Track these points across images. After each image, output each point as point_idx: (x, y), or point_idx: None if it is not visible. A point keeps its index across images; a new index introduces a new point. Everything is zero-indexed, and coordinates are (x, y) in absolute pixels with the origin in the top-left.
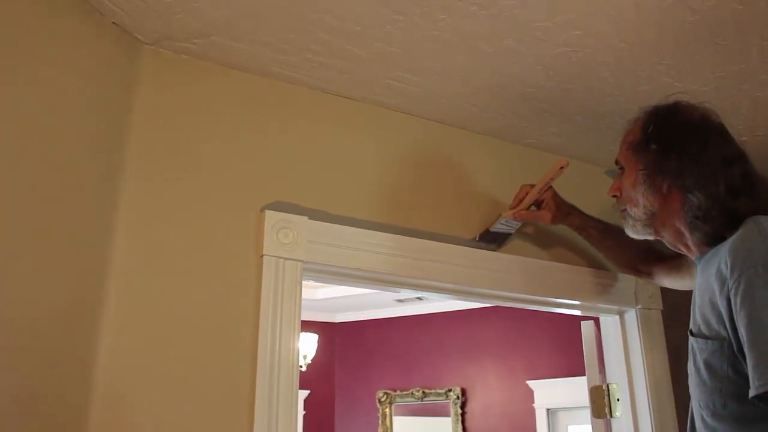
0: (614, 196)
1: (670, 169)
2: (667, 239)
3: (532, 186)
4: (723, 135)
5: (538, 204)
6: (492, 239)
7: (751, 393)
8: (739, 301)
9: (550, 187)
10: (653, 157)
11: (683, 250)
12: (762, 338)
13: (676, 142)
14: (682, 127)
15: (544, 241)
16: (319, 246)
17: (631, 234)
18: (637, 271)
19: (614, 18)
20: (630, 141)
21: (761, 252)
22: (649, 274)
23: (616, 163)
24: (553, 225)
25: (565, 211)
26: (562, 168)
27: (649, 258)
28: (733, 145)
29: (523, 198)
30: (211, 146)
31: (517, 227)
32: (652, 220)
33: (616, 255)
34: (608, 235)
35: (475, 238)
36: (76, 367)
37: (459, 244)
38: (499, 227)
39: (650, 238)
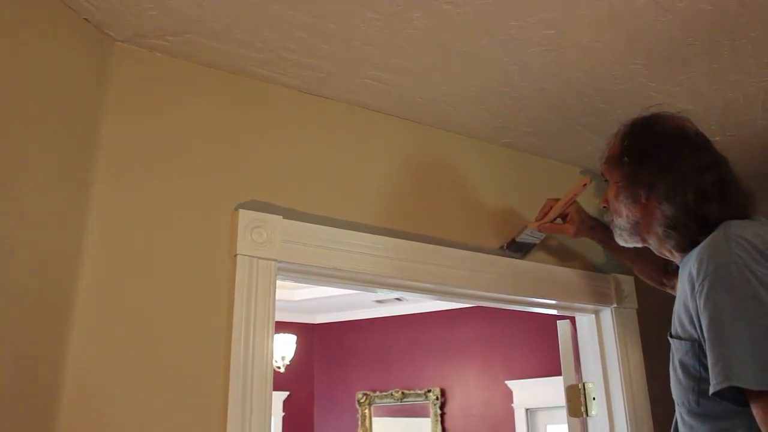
0: (604, 207)
1: (644, 180)
2: (653, 246)
3: (557, 200)
4: (696, 143)
5: (563, 217)
6: (517, 249)
7: (711, 390)
8: (702, 302)
9: (575, 201)
10: (627, 170)
11: (668, 256)
12: (720, 339)
13: (647, 154)
14: (654, 139)
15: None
16: (293, 245)
17: (621, 242)
18: (661, 284)
19: (588, 18)
20: (609, 155)
21: (724, 256)
22: (673, 288)
23: (602, 176)
24: (576, 238)
25: (588, 225)
26: (585, 185)
27: (672, 271)
28: (707, 152)
29: (548, 211)
30: (185, 144)
31: (542, 238)
32: (636, 229)
33: (640, 268)
34: (631, 249)
35: (503, 247)
36: (46, 367)
37: (436, 244)
38: (524, 238)
39: (639, 245)
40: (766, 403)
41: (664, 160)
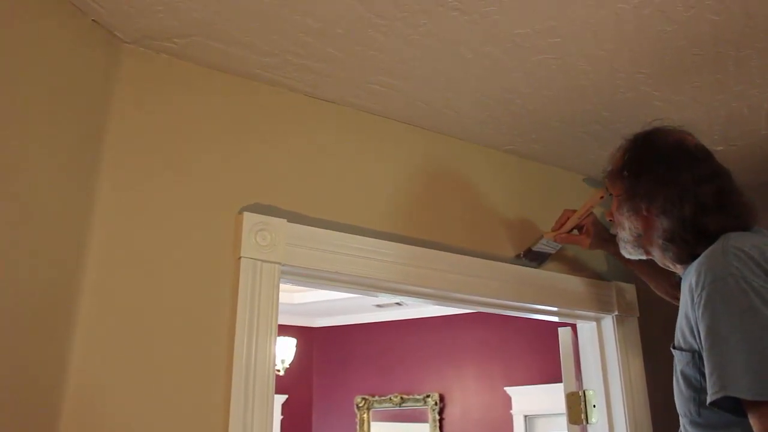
0: (610, 220)
1: (643, 192)
2: (657, 258)
3: (574, 211)
4: (696, 156)
5: (578, 228)
6: (533, 258)
7: (708, 400)
8: (700, 314)
9: (591, 213)
10: (627, 183)
11: (670, 268)
12: (716, 349)
13: (646, 167)
14: (653, 152)
15: (523, 249)
16: (297, 249)
17: (626, 255)
18: (675, 298)
19: (593, 26)
20: (611, 169)
21: (722, 268)
22: None
23: (607, 190)
24: (591, 249)
25: (603, 238)
26: (602, 197)
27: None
28: (707, 164)
29: (565, 222)
30: (190, 147)
31: (558, 248)
32: (639, 242)
33: (655, 282)
34: (646, 262)
35: (519, 255)
36: (48, 370)
37: (439, 249)
38: (540, 247)
39: (643, 257)
40: (762, 413)
41: (662, 173)
